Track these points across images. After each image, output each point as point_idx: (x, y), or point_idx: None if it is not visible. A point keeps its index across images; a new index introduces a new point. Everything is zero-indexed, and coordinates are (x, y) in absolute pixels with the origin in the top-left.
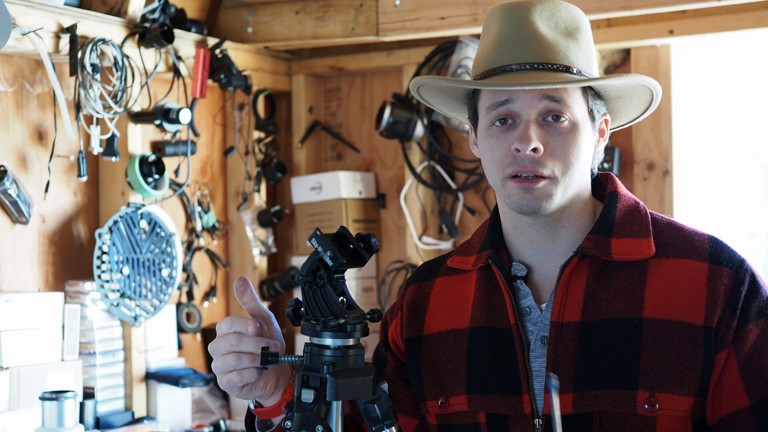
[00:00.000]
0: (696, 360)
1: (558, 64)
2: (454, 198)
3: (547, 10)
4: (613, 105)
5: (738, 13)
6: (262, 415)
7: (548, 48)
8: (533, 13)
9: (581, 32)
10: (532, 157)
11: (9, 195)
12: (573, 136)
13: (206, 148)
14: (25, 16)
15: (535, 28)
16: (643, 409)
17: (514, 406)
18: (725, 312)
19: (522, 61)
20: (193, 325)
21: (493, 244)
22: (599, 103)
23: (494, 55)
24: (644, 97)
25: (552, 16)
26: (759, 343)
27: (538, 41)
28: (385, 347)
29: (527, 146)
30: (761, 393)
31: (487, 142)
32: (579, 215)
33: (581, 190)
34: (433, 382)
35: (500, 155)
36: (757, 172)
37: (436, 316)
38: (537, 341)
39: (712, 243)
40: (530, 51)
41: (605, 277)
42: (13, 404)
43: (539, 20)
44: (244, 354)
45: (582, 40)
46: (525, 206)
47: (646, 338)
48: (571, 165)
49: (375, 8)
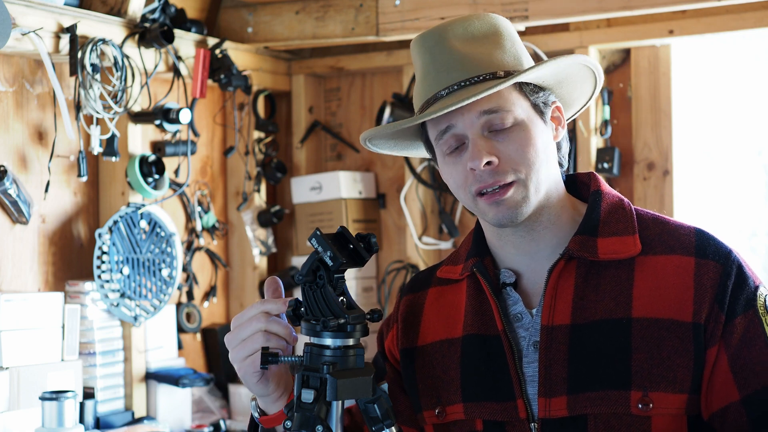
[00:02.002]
0: (687, 357)
1: (482, 74)
2: (454, 198)
3: (459, 27)
4: (559, 92)
5: (738, 13)
6: (266, 424)
7: (468, 62)
8: (447, 35)
9: (501, 35)
10: (490, 171)
11: (9, 195)
12: (523, 135)
13: (206, 148)
14: (25, 16)
15: (451, 47)
16: (637, 409)
17: (510, 411)
18: (713, 307)
19: (448, 84)
20: (193, 325)
21: (478, 252)
22: (543, 94)
23: (424, 88)
24: (587, 76)
25: (465, 30)
26: (747, 335)
27: (458, 59)
28: (383, 358)
29: (480, 162)
30: (751, 386)
31: (445, 169)
32: (558, 214)
33: (554, 186)
34: (429, 392)
35: (461, 178)
36: (757, 172)
37: (430, 326)
38: (530, 346)
39: (698, 236)
40: (452, 71)
41: (593, 278)
42: (13, 404)
43: (453, 39)
44: (272, 335)
45: (503, 43)
46: (501, 219)
47: (636, 338)
48: (532, 163)
49: (375, 8)
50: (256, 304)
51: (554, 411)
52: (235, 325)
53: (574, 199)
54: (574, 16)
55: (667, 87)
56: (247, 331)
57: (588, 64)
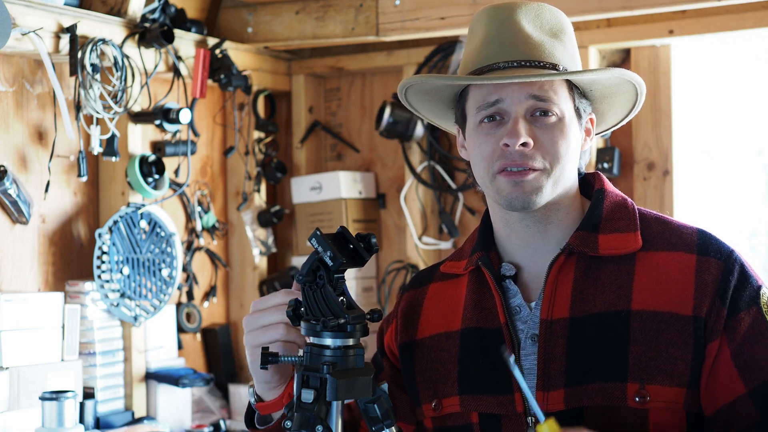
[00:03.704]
0: (686, 350)
1: (544, 62)
2: (454, 198)
3: (531, 11)
4: (598, 106)
5: (738, 13)
6: (263, 410)
7: (534, 46)
8: (518, 14)
9: (565, 33)
10: (522, 152)
11: (9, 195)
12: (561, 130)
13: (206, 148)
14: (25, 16)
15: (521, 27)
16: (633, 402)
17: (506, 405)
18: (714, 301)
19: (509, 58)
20: (193, 325)
21: (483, 246)
22: (585, 102)
23: (481, 54)
24: (629, 97)
25: (537, 17)
26: (751, 332)
27: (524, 40)
28: (381, 354)
29: (517, 141)
30: (757, 379)
31: (475, 138)
32: (567, 212)
33: (570, 186)
34: (426, 386)
35: (489, 150)
36: (757, 172)
37: (429, 320)
38: (527, 339)
39: (700, 235)
40: (516, 49)
41: (593, 272)
42: (13, 404)
43: (524, 20)
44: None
45: (566, 41)
46: (515, 200)
47: (635, 330)
48: (560, 158)
49: (375, 8)
50: (280, 292)
51: (552, 405)
52: (258, 309)
53: (582, 197)
54: (574, 16)
55: (667, 87)
56: (269, 318)
57: (638, 87)
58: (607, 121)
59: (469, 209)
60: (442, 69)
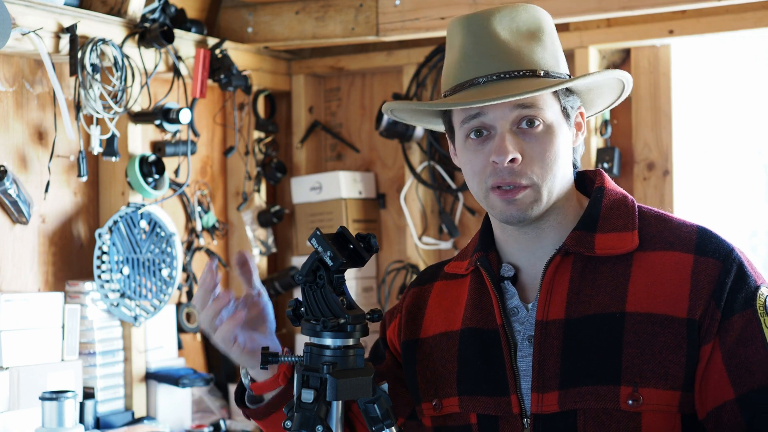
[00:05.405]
0: (679, 353)
1: (524, 70)
2: (454, 198)
3: (506, 16)
4: (586, 97)
5: (738, 13)
6: (257, 390)
7: (512, 55)
8: (493, 22)
9: (544, 32)
10: (511, 168)
11: (9, 195)
12: (549, 139)
13: (206, 148)
14: (25, 16)
15: (497, 36)
16: (626, 405)
17: (503, 406)
18: (709, 304)
19: (488, 72)
20: (193, 325)
21: (483, 247)
22: (572, 98)
23: (460, 70)
24: (615, 86)
25: (512, 21)
26: (744, 334)
27: (502, 49)
28: (384, 345)
29: (505, 158)
30: (746, 385)
31: (465, 155)
32: (564, 213)
33: (565, 186)
34: (427, 385)
35: (479, 167)
36: (757, 171)
37: (432, 319)
38: (524, 341)
39: (699, 234)
40: (495, 61)
41: (590, 273)
42: (13, 404)
43: (499, 28)
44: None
45: (546, 40)
46: (510, 217)
47: (629, 333)
48: (550, 169)
49: (375, 8)
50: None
51: (546, 406)
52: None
53: (581, 195)
54: (574, 16)
55: (667, 87)
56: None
57: (625, 82)
58: (598, 106)
59: (469, 209)
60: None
